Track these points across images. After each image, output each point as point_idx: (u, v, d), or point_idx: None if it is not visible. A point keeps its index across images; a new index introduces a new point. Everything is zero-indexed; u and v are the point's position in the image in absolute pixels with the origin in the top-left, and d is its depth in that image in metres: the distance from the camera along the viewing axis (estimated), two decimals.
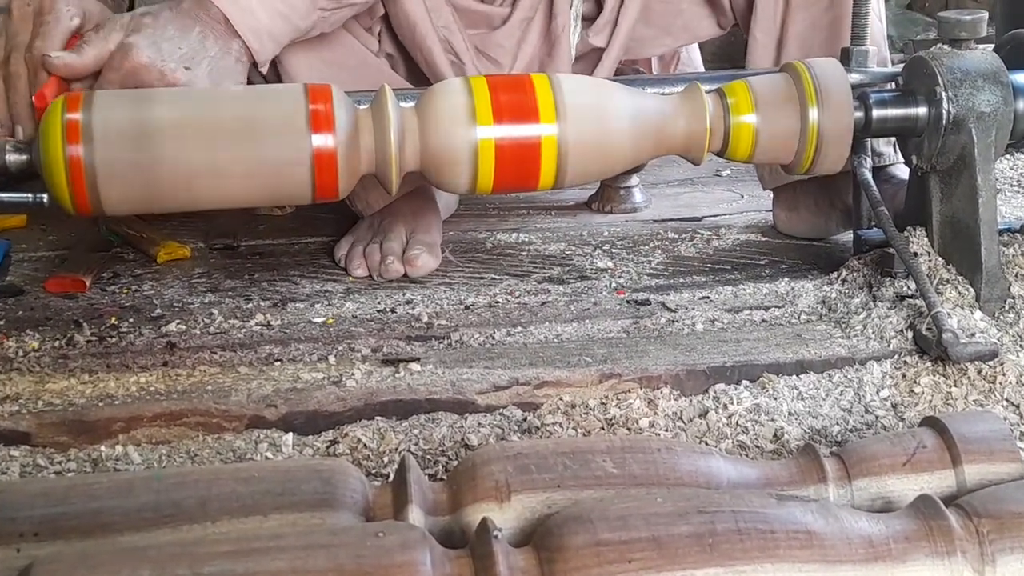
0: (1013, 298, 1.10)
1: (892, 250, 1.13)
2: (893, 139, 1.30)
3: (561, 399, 0.97)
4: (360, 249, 1.33)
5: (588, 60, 1.44)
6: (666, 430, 0.93)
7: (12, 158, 0.99)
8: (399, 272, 1.28)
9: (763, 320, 1.14)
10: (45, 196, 0.98)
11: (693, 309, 1.17)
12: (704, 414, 0.95)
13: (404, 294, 1.23)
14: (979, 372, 0.99)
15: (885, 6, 1.43)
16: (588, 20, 1.44)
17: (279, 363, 1.04)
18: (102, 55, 1.06)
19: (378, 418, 0.95)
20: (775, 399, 0.97)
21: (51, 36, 1.05)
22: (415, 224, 1.35)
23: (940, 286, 1.09)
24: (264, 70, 1.18)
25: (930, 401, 0.97)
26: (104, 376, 1.01)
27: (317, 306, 1.20)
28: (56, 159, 0.94)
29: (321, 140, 0.98)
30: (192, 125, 0.97)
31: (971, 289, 1.09)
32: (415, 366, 1.02)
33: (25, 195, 1.00)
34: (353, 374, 1.01)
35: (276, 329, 1.14)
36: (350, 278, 1.29)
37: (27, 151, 0.98)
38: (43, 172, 0.96)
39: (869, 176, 1.18)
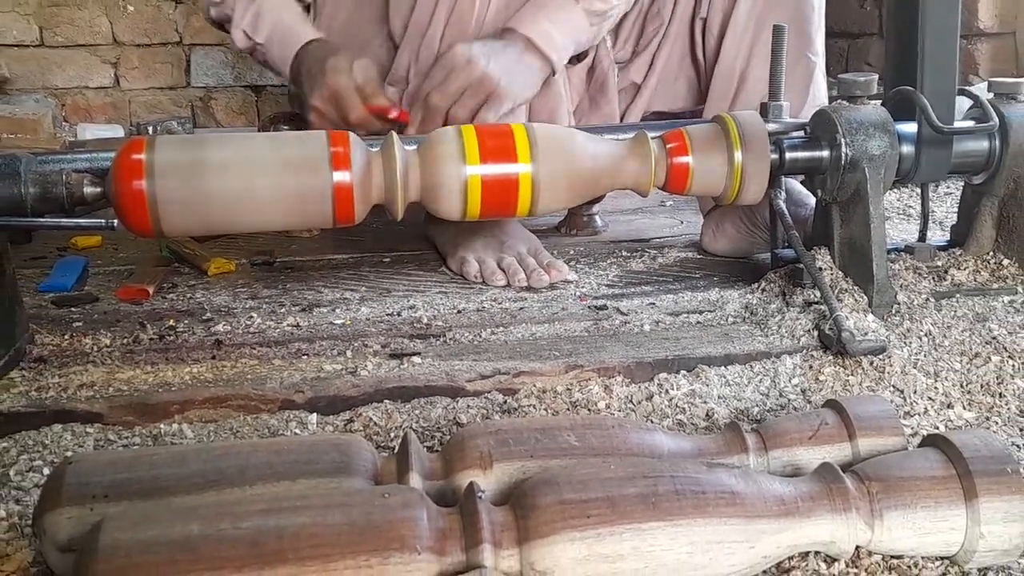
0: (898, 304, 1.11)
1: (802, 265, 1.14)
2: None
3: (535, 386, 0.97)
4: (493, 263, 1.31)
5: (624, 95, 1.47)
6: (619, 410, 0.94)
7: (89, 190, 0.99)
8: (547, 281, 1.27)
9: (698, 322, 1.14)
10: (115, 221, 0.98)
11: (642, 313, 1.17)
12: (650, 398, 0.95)
13: (408, 300, 1.23)
14: (871, 364, 0.99)
15: None
16: (620, 63, 1.46)
17: (306, 357, 1.04)
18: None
19: (386, 401, 0.95)
20: (707, 385, 0.98)
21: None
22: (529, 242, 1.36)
23: (840, 294, 1.10)
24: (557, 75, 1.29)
25: (832, 387, 0.97)
26: (163, 367, 1.01)
27: (337, 311, 1.20)
28: (125, 191, 0.94)
29: (340, 176, 0.98)
30: (235, 163, 0.97)
31: (865, 297, 1.09)
32: (416, 359, 1.02)
33: (99, 220, 1.00)
34: (366, 366, 1.01)
35: (304, 329, 1.14)
36: (364, 288, 1.29)
37: (100, 184, 0.98)
38: (114, 201, 0.96)
39: (784, 206, 1.19)
